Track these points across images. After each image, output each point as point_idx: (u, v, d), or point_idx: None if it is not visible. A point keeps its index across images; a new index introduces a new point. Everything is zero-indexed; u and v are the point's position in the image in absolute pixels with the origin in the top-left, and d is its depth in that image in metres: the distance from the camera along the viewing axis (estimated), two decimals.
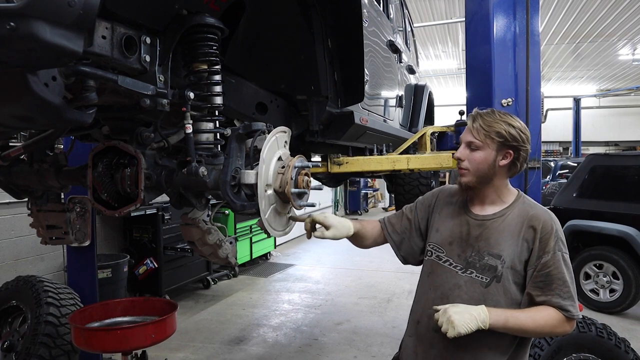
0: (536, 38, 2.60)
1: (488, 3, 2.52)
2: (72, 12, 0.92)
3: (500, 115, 1.52)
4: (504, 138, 1.49)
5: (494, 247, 1.50)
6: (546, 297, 1.44)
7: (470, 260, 1.52)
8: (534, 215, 1.50)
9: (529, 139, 1.53)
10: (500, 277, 1.47)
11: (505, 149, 1.50)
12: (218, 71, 1.64)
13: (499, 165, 1.51)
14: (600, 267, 5.19)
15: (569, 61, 13.77)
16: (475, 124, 1.53)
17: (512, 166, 1.53)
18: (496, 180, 1.54)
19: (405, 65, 4.19)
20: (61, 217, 2.47)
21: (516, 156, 1.51)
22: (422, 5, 9.35)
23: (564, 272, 1.45)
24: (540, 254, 1.46)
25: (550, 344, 2.34)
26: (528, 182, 2.55)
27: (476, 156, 1.52)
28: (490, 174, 1.52)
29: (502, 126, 1.49)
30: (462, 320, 1.37)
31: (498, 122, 1.50)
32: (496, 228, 1.52)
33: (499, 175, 1.54)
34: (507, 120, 1.51)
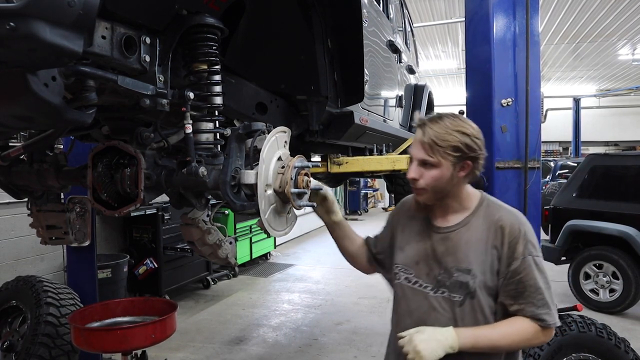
0: (536, 38, 2.60)
1: (488, 3, 2.52)
2: (72, 12, 0.92)
3: (451, 122, 1.37)
4: (460, 152, 1.36)
5: (462, 262, 1.39)
6: (519, 306, 1.34)
7: (440, 278, 1.41)
8: (500, 219, 1.40)
9: (483, 142, 1.41)
10: (474, 293, 1.36)
11: (463, 161, 1.38)
12: (218, 71, 1.64)
13: (458, 177, 1.40)
14: (600, 267, 5.19)
15: (568, 61, 13.78)
16: (426, 137, 1.37)
17: (471, 174, 1.41)
18: (456, 190, 1.43)
19: (405, 65, 4.19)
20: (61, 217, 2.47)
21: (475, 165, 1.40)
22: (422, 5, 9.35)
23: (536, 277, 1.34)
24: (509, 261, 1.36)
25: (550, 344, 2.35)
26: (528, 182, 2.55)
27: (432, 174, 1.38)
28: (449, 187, 1.41)
29: (457, 138, 1.35)
30: (429, 348, 1.28)
31: (451, 133, 1.35)
32: (461, 239, 1.41)
33: (458, 185, 1.42)
34: (460, 128, 1.36)
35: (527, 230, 1.40)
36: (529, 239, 1.38)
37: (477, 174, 1.43)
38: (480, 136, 1.40)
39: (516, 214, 1.44)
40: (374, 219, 13.05)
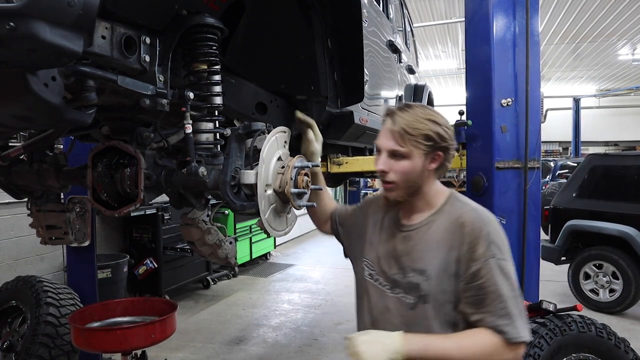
0: (536, 38, 2.60)
1: (488, 3, 2.52)
2: (72, 12, 0.92)
3: (421, 111, 1.30)
4: (433, 141, 1.28)
5: (417, 261, 1.29)
6: (480, 315, 1.20)
7: (395, 277, 1.33)
8: (461, 216, 1.28)
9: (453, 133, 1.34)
10: (426, 297, 1.26)
11: (435, 152, 1.30)
12: (218, 71, 1.64)
13: (429, 170, 1.31)
14: (600, 267, 5.19)
15: (568, 61, 13.78)
16: (396, 126, 1.29)
17: (440, 167, 1.34)
18: (425, 186, 1.34)
19: (405, 65, 4.19)
20: (61, 217, 2.47)
21: (446, 157, 1.32)
22: (422, 5, 9.35)
23: (498, 283, 1.19)
24: (468, 263, 1.22)
25: (550, 344, 2.34)
26: (528, 182, 2.55)
27: (403, 166, 1.29)
28: (420, 181, 1.32)
29: (429, 126, 1.27)
30: (370, 352, 1.17)
31: (422, 121, 1.27)
32: (420, 239, 1.32)
33: (428, 179, 1.33)
34: (431, 117, 1.29)
35: (492, 231, 1.26)
36: (493, 240, 1.24)
37: (447, 167, 1.35)
38: (450, 127, 1.33)
39: (481, 211, 1.31)
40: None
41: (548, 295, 4.56)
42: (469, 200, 1.37)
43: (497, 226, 1.29)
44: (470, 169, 2.64)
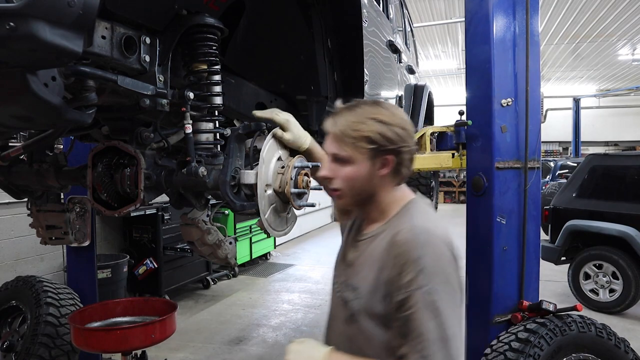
0: (536, 38, 2.60)
1: (488, 3, 2.52)
2: (72, 12, 0.92)
3: (368, 109, 1.14)
4: (376, 144, 1.11)
5: (353, 277, 1.18)
6: (405, 349, 1.02)
7: (338, 287, 1.26)
8: (398, 233, 1.09)
9: (411, 133, 1.15)
10: (355, 316, 1.13)
11: (382, 155, 1.13)
12: (218, 71, 1.64)
13: (380, 176, 1.15)
14: (600, 267, 5.19)
15: (568, 61, 13.77)
16: (336, 128, 1.15)
17: (396, 173, 1.16)
18: (379, 193, 1.18)
19: (405, 65, 4.19)
20: (61, 217, 2.47)
21: (398, 160, 1.14)
22: (422, 5, 9.35)
23: (421, 320, 0.99)
24: (396, 290, 1.05)
25: (550, 344, 2.35)
26: (528, 182, 2.55)
27: (346, 172, 1.15)
28: (371, 188, 1.16)
29: (373, 127, 1.11)
30: None
31: (365, 121, 1.12)
32: (363, 252, 1.19)
33: (383, 186, 1.17)
34: (377, 115, 1.12)
35: (426, 256, 1.03)
36: (425, 267, 1.01)
37: (404, 172, 1.17)
38: (406, 125, 1.14)
39: (420, 230, 1.07)
40: None
41: (548, 295, 4.56)
42: (423, 212, 1.15)
43: (436, 250, 1.05)
44: (470, 169, 2.64)
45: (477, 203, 2.60)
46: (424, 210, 1.17)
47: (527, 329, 2.36)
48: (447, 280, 1.03)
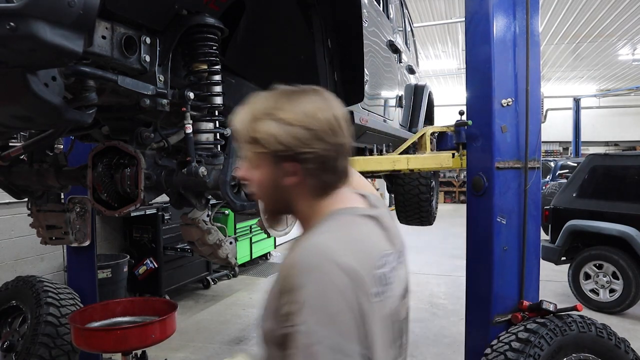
0: (536, 38, 2.60)
1: (488, 3, 2.52)
2: (72, 12, 0.93)
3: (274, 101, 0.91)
4: (267, 148, 0.89)
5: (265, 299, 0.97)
6: None
7: None
8: (290, 253, 0.89)
9: (320, 134, 0.88)
10: (262, 342, 0.95)
11: (281, 162, 0.89)
12: (218, 71, 1.65)
13: (286, 186, 0.92)
14: (600, 267, 5.18)
15: (569, 61, 13.77)
16: (235, 123, 0.95)
17: (312, 181, 0.91)
18: (298, 204, 0.95)
19: (405, 65, 4.19)
20: (61, 217, 2.47)
21: (305, 168, 0.89)
22: (422, 5, 9.35)
23: None
24: (277, 323, 0.85)
25: (550, 344, 2.35)
26: (528, 182, 2.55)
27: (254, 176, 0.95)
28: (283, 198, 0.95)
29: (266, 127, 0.88)
30: None
31: (262, 118, 0.89)
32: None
33: (298, 197, 0.94)
34: (277, 112, 0.88)
35: (310, 284, 0.79)
36: (305, 300, 0.78)
37: (328, 179, 0.93)
38: (312, 124, 0.87)
39: (311, 252, 0.84)
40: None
41: (548, 295, 4.56)
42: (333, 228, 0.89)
43: (325, 279, 0.79)
44: (470, 169, 2.64)
45: (477, 203, 2.60)
46: (338, 225, 0.89)
47: (528, 329, 2.36)
48: (331, 321, 0.77)
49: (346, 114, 0.95)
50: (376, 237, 0.95)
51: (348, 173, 0.98)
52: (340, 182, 0.96)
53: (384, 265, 0.90)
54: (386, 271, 0.90)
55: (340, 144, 0.91)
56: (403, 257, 1.05)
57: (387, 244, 0.97)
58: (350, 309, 0.79)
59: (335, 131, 0.90)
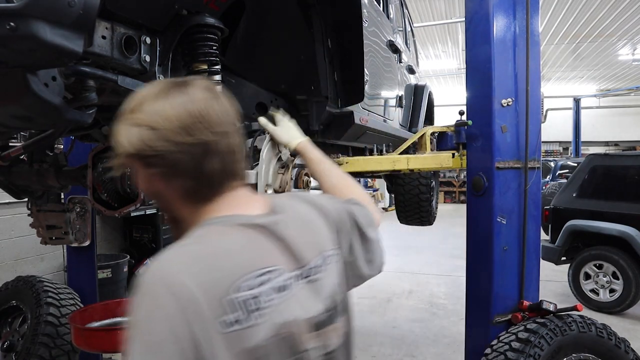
0: (536, 38, 2.60)
1: (488, 3, 2.52)
2: (72, 12, 0.93)
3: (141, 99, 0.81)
4: (121, 152, 0.81)
5: None
6: None
7: None
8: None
9: (163, 134, 0.77)
10: None
11: (139, 166, 0.82)
12: (218, 71, 1.65)
13: (158, 191, 0.85)
14: (600, 267, 5.19)
15: (569, 61, 13.77)
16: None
17: (175, 187, 0.82)
18: (181, 212, 0.86)
19: (405, 65, 4.19)
20: (61, 217, 2.47)
21: (161, 172, 0.80)
22: (422, 5, 9.35)
23: None
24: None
25: (550, 344, 2.35)
26: (528, 182, 2.55)
27: (137, 181, 0.88)
28: (166, 205, 0.87)
29: (118, 128, 0.81)
30: None
31: (120, 119, 0.82)
32: None
33: (175, 204, 0.85)
34: (133, 112, 0.80)
35: (139, 307, 0.71)
36: (134, 323, 0.71)
37: (185, 186, 0.82)
38: (158, 123, 0.77)
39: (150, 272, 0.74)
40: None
41: (548, 295, 4.56)
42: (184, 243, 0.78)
43: (151, 303, 0.70)
44: (470, 169, 2.64)
45: (477, 203, 2.60)
46: (200, 238, 0.79)
47: (528, 329, 2.36)
48: (153, 351, 0.68)
49: (227, 110, 0.83)
50: (251, 252, 0.78)
51: (234, 175, 0.84)
52: (216, 186, 0.83)
53: (255, 286, 0.74)
54: (259, 292, 0.73)
55: (199, 143, 0.78)
56: (319, 272, 0.86)
57: (274, 259, 0.79)
58: (177, 339, 0.67)
59: (191, 130, 0.77)
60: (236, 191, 0.86)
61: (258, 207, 0.88)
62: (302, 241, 0.86)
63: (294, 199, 0.99)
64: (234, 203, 0.85)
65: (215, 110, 0.81)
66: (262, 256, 0.79)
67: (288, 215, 0.88)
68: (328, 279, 0.89)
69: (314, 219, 0.94)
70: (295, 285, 0.81)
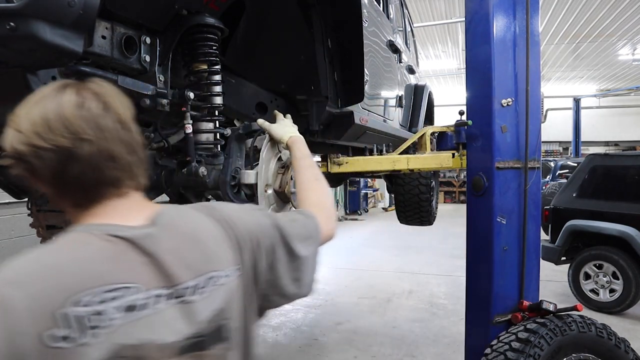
0: (536, 38, 2.60)
1: (488, 3, 2.52)
2: (72, 12, 0.93)
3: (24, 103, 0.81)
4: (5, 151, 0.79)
5: None
6: None
7: None
8: None
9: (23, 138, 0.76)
10: None
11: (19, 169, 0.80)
12: (218, 71, 1.65)
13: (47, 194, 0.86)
14: (600, 267, 5.19)
15: (569, 61, 13.78)
16: None
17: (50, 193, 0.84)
18: (69, 215, 0.85)
19: (405, 65, 4.19)
20: (61, 217, 2.47)
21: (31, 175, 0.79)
22: (422, 5, 9.36)
23: None
24: None
25: (550, 344, 2.35)
26: (528, 182, 2.55)
27: None
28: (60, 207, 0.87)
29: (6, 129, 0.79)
30: None
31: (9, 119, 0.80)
32: None
33: (65, 209, 0.85)
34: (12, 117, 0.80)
35: None
36: None
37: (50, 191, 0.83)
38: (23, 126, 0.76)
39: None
40: (374, 219, 13.06)
41: (548, 295, 4.56)
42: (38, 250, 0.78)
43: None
44: (470, 169, 2.64)
45: (477, 203, 2.60)
46: (57, 245, 0.77)
47: (528, 329, 2.36)
48: None
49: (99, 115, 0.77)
50: (105, 265, 0.72)
51: (113, 183, 0.79)
52: (90, 193, 0.79)
53: (96, 303, 0.68)
54: (103, 309, 0.68)
55: (53, 148, 0.74)
56: (196, 294, 0.78)
57: (133, 275, 0.73)
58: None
59: (45, 134, 0.74)
60: (122, 199, 0.81)
61: (140, 217, 0.80)
62: (178, 258, 0.78)
63: (192, 210, 0.89)
64: (112, 212, 0.80)
65: (80, 115, 0.76)
66: (118, 271, 0.72)
67: (167, 229, 0.80)
68: (208, 301, 0.79)
69: (206, 235, 0.84)
70: (159, 306, 0.74)
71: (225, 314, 0.83)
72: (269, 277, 0.93)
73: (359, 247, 8.99)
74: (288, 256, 0.96)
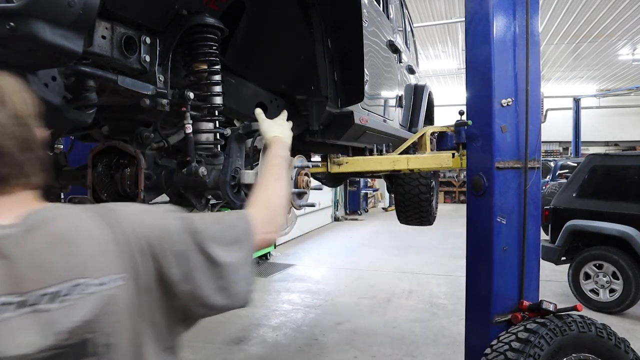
0: (536, 38, 2.60)
1: (488, 3, 2.52)
2: (72, 12, 0.93)
3: None
4: None
5: None
6: None
7: None
8: None
9: None
10: None
11: None
12: (218, 71, 1.65)
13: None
14: (600, 267, 5.19)
15: (569, 61, 13.78)
16: None
17: None
18: None
19: (405, 65, 4.19)
20: None
21: None
22: (422, 5, 9.36)
23: None
24: None
25: (550, 344, 2.35)
26: (528, 182, 2.55)
27: None
28: None
29: None
30: None
31: None
32: None
33: None
34: None
35: None
36: None
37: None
38: None
39: None
40: (374, 219, 13.06)
41: (548, 295, 4.56)
42: None
43: None
44: (470, 169, 2.64)
45: (477, 203, 2.60)
46: None
47: (527, 329, 2.36)
48: None
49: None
50: None
51: None
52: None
53: None
54: None
55: None
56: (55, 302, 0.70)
57: None
58: None
59: None
60: (3, 196, 0.77)
61: (12, 217, 0.74)
62: (37, 262, 0.70)
63: (78, 211, 0.83)
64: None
65: None
66: None
67: (33, 230, 0.73)
68: (70, 310, 0.70)
69: (82, 239, 0.76)
70: (5, 315, 0.66)
71: (93, 327, 0.72)
72: (186, 287, 0.82)
73: (359, 247, 8.99)
74: (206, 263, 0.84)
